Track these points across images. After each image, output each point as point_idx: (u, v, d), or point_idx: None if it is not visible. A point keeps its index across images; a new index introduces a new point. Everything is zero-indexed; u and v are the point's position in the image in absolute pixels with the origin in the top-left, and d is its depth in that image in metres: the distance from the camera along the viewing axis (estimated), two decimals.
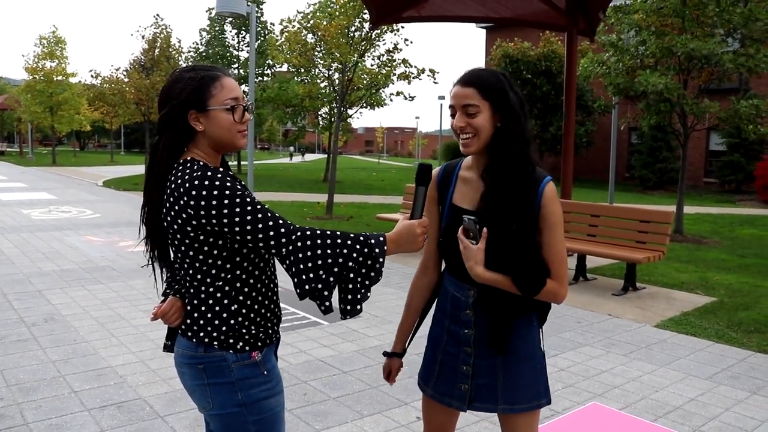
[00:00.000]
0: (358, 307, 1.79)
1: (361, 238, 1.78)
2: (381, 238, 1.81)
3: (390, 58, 13.98)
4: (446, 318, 2.16)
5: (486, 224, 1.94)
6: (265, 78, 29.66)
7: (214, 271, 1.83)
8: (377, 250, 1.78)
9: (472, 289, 2.06)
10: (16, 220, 12.38)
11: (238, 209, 1.71)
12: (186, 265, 1.85)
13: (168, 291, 2.07)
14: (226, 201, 1.71)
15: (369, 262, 1.77)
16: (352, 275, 1.76)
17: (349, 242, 1.76)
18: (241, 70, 29.96)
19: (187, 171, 1.78)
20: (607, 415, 3.97)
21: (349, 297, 1.77)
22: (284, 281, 2.38)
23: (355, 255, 1.75)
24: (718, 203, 21.77)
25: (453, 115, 2.01)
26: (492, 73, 1.99)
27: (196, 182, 1.73)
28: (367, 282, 1.79)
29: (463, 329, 2.10)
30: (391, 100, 35.81)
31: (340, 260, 1.74)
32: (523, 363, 2.06)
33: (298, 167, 42.48)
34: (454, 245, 2.02)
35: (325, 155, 36.21)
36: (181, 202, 1.75)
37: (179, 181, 1.77)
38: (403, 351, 2.33)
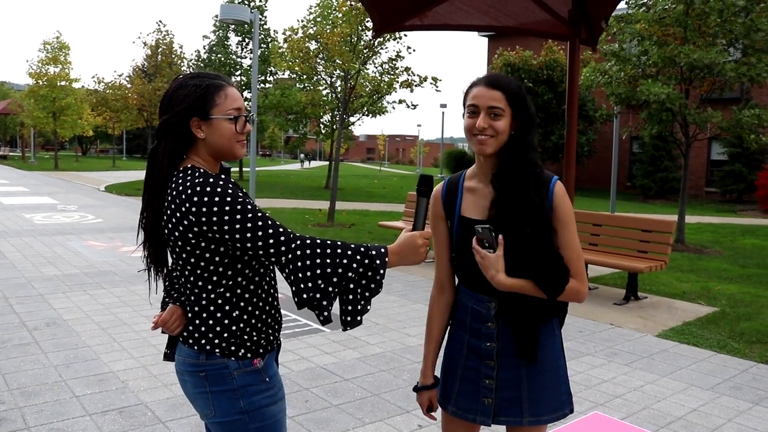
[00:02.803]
0: (359, 318, 1.78)
1: (362, 249, 1.77)
2: (382, 250, 1.80)
3: (392, 66, 14.02)
4: (465, 332, 2.10)
5: (500, 231, 1.93)
6: (268, 85, 29.74)
7: (215, 278, 1.83)
8: (378, 262, 1.77)
9: (493, 301, 2.02)
10: (19, 225, 12.40)
11: (239, 216, 1.72)
12: (187, 272, 1.85)
13: (167, 299, 2.07)
14: (227, 208, 1.72)
15: (369, 274, 1.77)
16: (352, 286, 1.76)
17: (349, 252, 1.75)
18: (244, 77, 30.04)
19: (189, 178, 1.79)
20: (609, 424, 3.96)
21: (350, 308, 1.77)
22: (286, 288, 2.39)
23: (355, 266, 1.75)
24: (719, 213, 21.76)
25: (473, 114, 1.98)
26: (515, 83, 2.01)
27: (198, 189, 1.74)
28: (367, 294, 1.78)
29: (484, 342, 2.05)
30: (393, 107, 35.85)
31: (340, 270, 1.73)
32: (547, 373, 2.04)
33: (300, 174, 42.52)
34: (468, 258, 2.00)
35: (327, 162, 36.22)
36: (183, 209, 1.75)
37: (181, 188, 1.78)
38: (436, 380, 2.21)
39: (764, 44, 11.15)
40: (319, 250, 1.74)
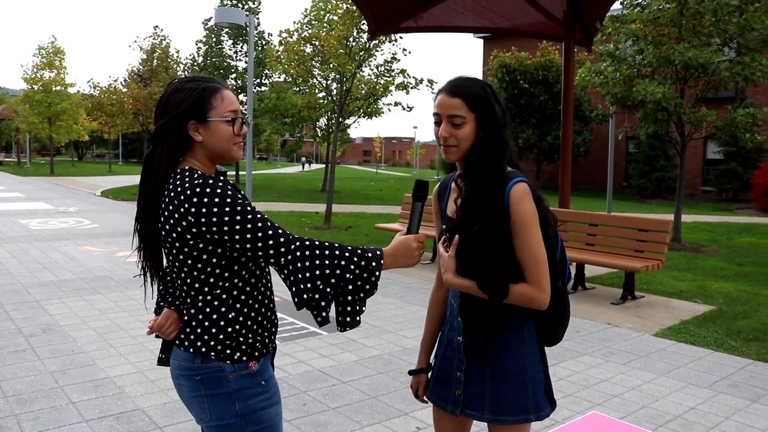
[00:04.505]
0: (357, 319, 1.80)
1: (359, 251, 1.79)
2: (378, 252, 1.83)
3: (388, 68, 14.03)
4: (447, 324, 2.21)
5: (459, 231, 1.98)
6: (263, 88, 29.74)
7: (212, 280, 1.83)
8: (374, 264, 1.79)
9: (460, 298, 2.09)
10: (14, 230, 12.37)
11: (238, 217, 1.72)
12: (183, 274, 1.85)
13: (162, 303, 2.07)
14: (226, 209, 1.72)
15: (366, 275, 1.78)
16: (350, 287, 1.77)
17: (347, 254, 1.77)
18: (239, 81, 30.02)
19: (187, 179, 1.79)
20: (607, 424, 3.96)
21: (348, 309, 1.78)
22: (284, 292, 2.39)
23: (352, 267, 1.76)
24: (715, 211, 21.81)
25: (437, 123, 2.01)
26: (478, 84, 1.99)
27: (198, 190, 1.74)
28: (362, 295, 1.80)
29: (456, 336, 2.13)
30: (389, 110, 35.91)
31: (338, 272, 1.75)
32: (511, 376, 2.04)
33: (297, 177, 42.51)
34: None
35: (324, 165, 36.23)
36: (181, 210, 1.75)
37: (179, 189, 1.78)
38: (429, 365, 2.31)
39: (758, 44, 11.19)
40: (317, 252, 1.75)
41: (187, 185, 1.77)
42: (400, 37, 14.59)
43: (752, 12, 11.05)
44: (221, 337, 1.84)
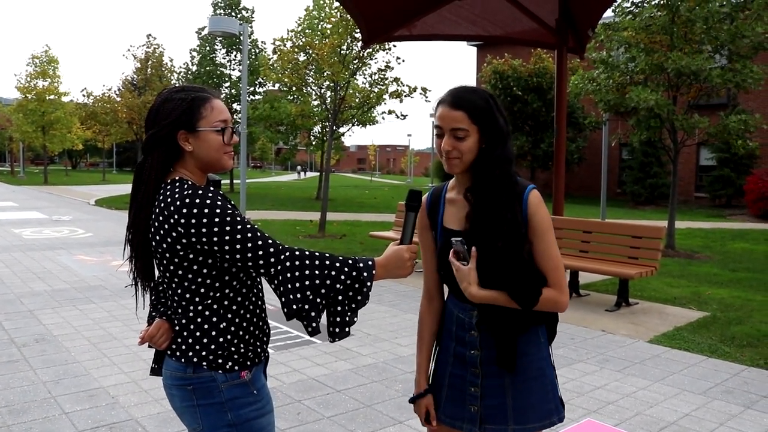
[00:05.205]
0: (347, 329, 1.80)
1: (350, 261, 1.79)
2: (369, 262, 1.82)
3: (382, 76, 14.06)
4: (452, 340, 2.11)
5: (474, 243, 1.94)
6: (257, 96, 29.77)
7: (202, 290, 1.83)
8: (365, 274, 1.79)
9: (474, 309, 2.03)
10: (7, 240, 12.32)
11: (228, 228, 1.72)
12: (174, 285, 1.85)
13: (154, 314, 2.06)
14: (216, 220, 1.72)
15: (357, 286, 1.78)
16: (340, 297, 1.77)
17: (337, 264, 1.77)
18: (232, 89, 30.05)
19: (177, 190, 1.79)
20: (602, 431, 3.96)
21: (338, 320, 1.78)
22: (276, 300, 2.38)
23: (343, 278, 1.76)
24: (708, 218, 21.89)
25: (439, 135, 1.99)
26: (480, 96, 1.97)
27: (187, 201, 1.74)
28: (354, 305, 1.80)
29: (469, 350, 2.06)
30: (383, 118, 35.90)
31: (328, 282, 1.74)
32: (532, 381, 2.02)
33: (291, 185, 42.49)
34: (450, 267, 2.00)
35: (318, 173, 36.24)
36: (171, 221, 1.75)
37: (169, 200, 1.78)
38: (429, 386, 2.20)
39: (749, 51, 11.27)
40: (307, 262, 1.75)
41: (176, 196, 1.77)
42: (394, 46, 14.63)
43: (743, 19, 11.14)
44: (213, 346, 1.84)
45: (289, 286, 1.72)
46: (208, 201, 1.74)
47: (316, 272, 1.74)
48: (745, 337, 6.09)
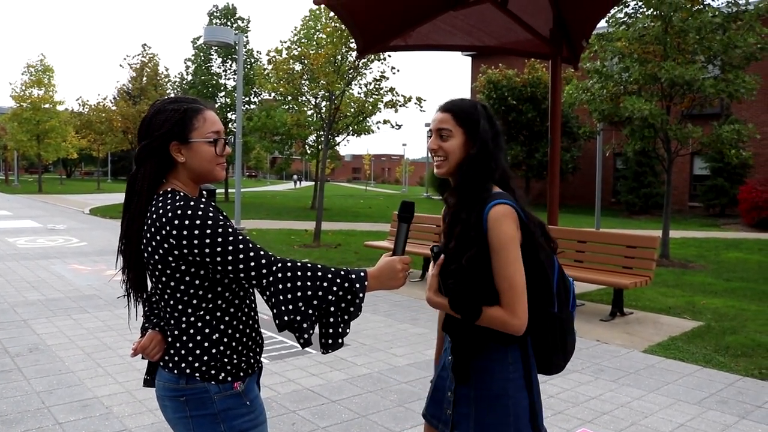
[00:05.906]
0: (340, 341, 1.79)
1: (342, 273, 1.79)
2: (362, 274, 1.82)
3: (377, 86, 14.10)
4: (447, 343, 2.21)
5: (444, 248, 2.02)
6: (252, 106, 29.79)
7: (195, 301, 1.83)
8: (357, 285, 1.79)
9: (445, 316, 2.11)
10: (1, 249, 12.26)
11: (220, 239, 1.72)
12: (167, 296, 1.85)
13: (147, 325, 2.06)
14: (208, 231, 1.72)
15: (349, 297, 1.78)
16: (332, 309, 1.77)
17: (329, 276, 1.77)
18: (227, 99, 30.06)
19: (169, 201, 1.79)
20: None
21: (330, 331, 1.78)
22: (269, 310, 2.37)
23: (335, 289, 1.76)
24: (703, 227, 21.96)
25: (430, 137, 2.09)
26: (471, 103, 2.05)
27: (179, 212, 1.74)
28: (346, 317, 1.80)
29: (447, 356, 2.15)
30: (378, 127, 35.95)
31: (320, 293, 1.75)
32: (493, 399, 2.01)
33: (286, 195, 42.47)
34: None
35: (313, 182, 36.26)
36: (163, 232, 1.75)
37: (161, 211, 1.78)
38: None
39: (741, 61, 11.35)
40: (299, 273, 1.75)
41: (168, 207, 1.77)
42: (389, 56, 14.69)
43: (735, 30, 11.23)
44: (205, 358, 1.84)
45: (281, 297, 1.72)
46: (200, 213, 1.75)
47: (308, 283, 1.74)
48: (740, 347, 6.10)
